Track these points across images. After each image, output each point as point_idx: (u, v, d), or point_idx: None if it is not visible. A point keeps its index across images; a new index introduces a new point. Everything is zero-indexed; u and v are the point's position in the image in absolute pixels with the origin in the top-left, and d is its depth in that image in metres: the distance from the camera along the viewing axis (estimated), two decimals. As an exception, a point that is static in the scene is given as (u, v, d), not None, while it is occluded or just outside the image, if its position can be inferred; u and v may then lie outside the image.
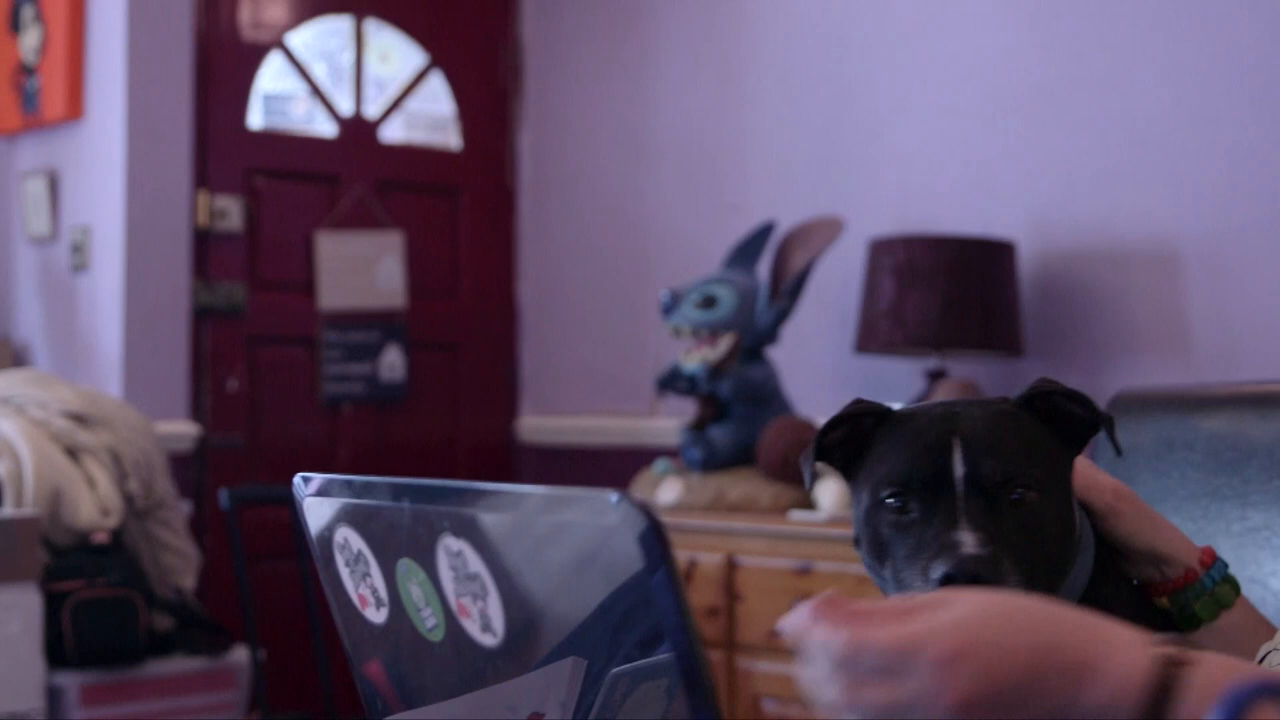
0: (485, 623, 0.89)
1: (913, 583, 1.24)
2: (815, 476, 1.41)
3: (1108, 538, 1.38)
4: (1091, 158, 3.68)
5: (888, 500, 1.30)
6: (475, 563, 0.87)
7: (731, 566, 3.55)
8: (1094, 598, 1.36)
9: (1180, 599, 1.37)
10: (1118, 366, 3.60)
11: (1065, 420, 1.35)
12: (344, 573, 1.02)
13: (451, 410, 4.96)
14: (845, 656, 0.92)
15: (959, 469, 1.27)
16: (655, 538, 0.76)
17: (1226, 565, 1.39)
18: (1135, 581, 1.43)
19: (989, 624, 0.94)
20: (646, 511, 0.76)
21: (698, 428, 3.89)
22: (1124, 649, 0.94)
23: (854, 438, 1.38)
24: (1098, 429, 1.34)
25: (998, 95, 3.92)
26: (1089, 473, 1.38)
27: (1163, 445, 1.90)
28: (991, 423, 1.32)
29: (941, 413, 1.33)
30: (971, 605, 0.95)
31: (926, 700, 0.92)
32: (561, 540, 0.84)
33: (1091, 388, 3.59)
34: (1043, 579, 1.27)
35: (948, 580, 1.20)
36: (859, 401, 1.39)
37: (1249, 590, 1.64)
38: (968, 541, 1.23)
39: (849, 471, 1.38)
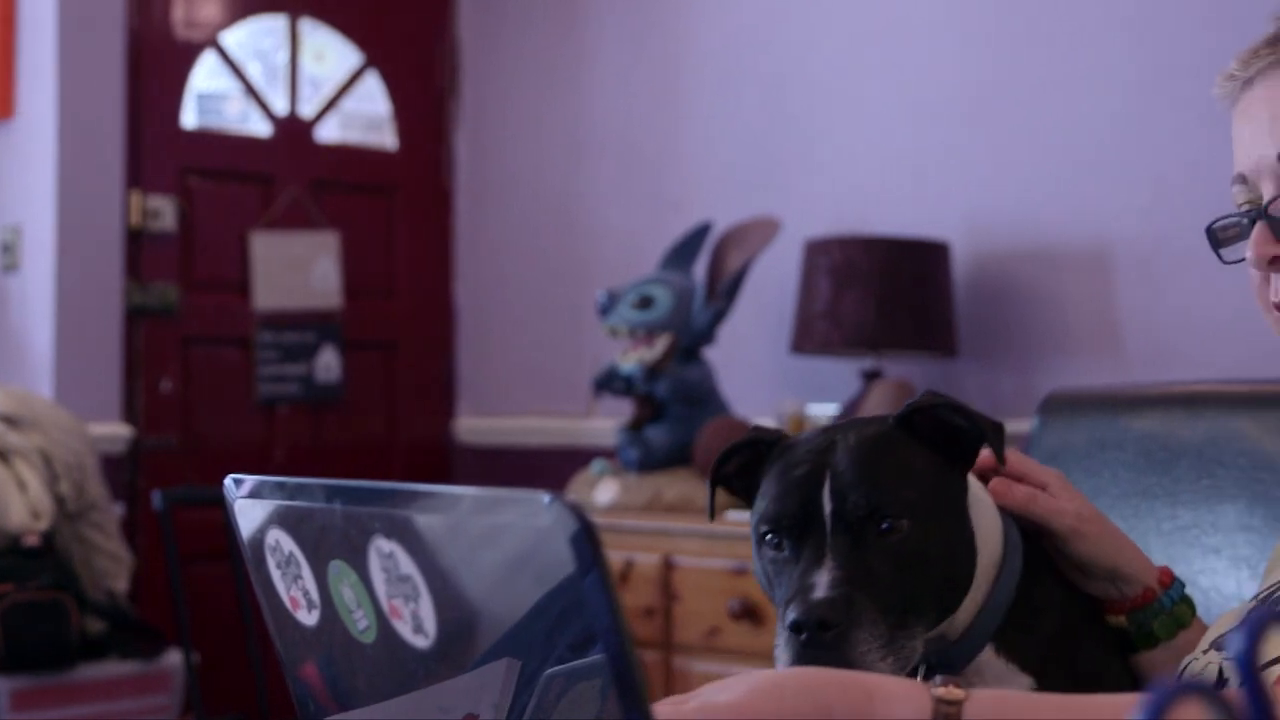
0: (417, 624, 0.89)
1: (778, 626, 1.23)
2: (716, 508, 1.42)
3: (1071, 559, 1.38)
4: (1025, 160, 3.71)
5: (767, 538, 1.29)
6: (407, 564, 0.87)
7: (668, 567, 3.55)
8: (1023, 609, 1.35)
9: (1139, 618, 1.39)
10: (1050, 366, 3.63)
11: (951, 435, 1.33)
12: (275, 575, 1.01)
13: (388, 411, 4.94)
14: None
15: (827, 505, 1.26)
16: (587, 539, 0.76)
17: (1184, 585, 1.41)
18: (1093, 598, 1.43)
19: (761, 699, 0.98)
20: (578, 513, 0.76)
21: (634, 428, 3.90)
22: (902, 699, 0.98)
23: (751, 466, 1.37)
24: (987, 438, 1.33)
25: (933, 97, 3.94)
26: (1056, 494, 1.38)
27: (1094, 445, 1.92)
28: (863, 451, 1.29)
29: (819, 443, 1.31)
30: (745, 684, 0.99)
31: None
32: (496, 542, 0.84)
33: (1024, 388, 3.62)
34: (921, 607, 1.25)
35: (795, 628, 1.19)
36: (755, 429, 1.38)
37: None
38: (820, 584, 1.21)
39: (751, 499, 1.37)
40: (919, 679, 1.30)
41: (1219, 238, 1.38)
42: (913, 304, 3.63)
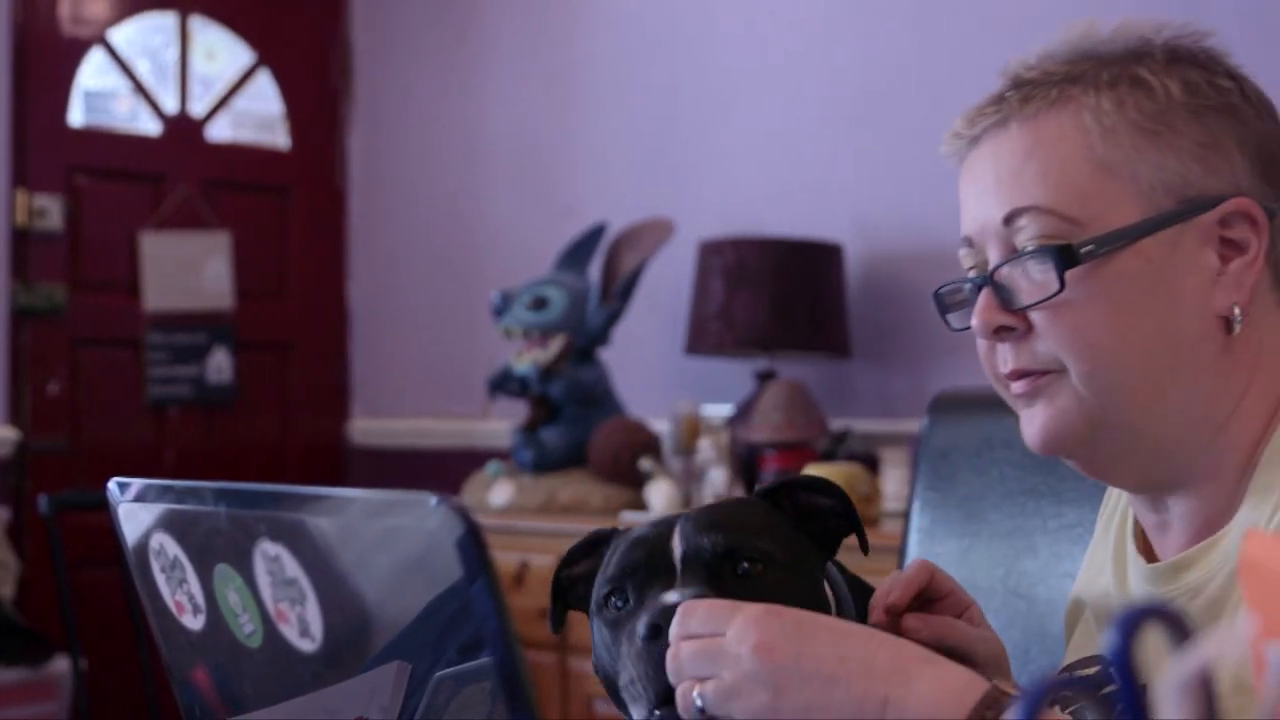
0: (304, 628, 0.88)
1: (625, 656, 1.15)
2: (562, 621, 1.33)
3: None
4: (917, 161, 3.74)
5: (609, 599, 1.21)
6: (293, 567, 0.86)
7: (563, 568, 3.54)
8: None
9: None
10: (942, 367, 3.67)
11: (815, 516, 1.30)
12: (160, 579, 1.00)
13: (281, 412, 4.90)
14: (677, 618, 1.07)
15: (678, 549, 1.19)
16: (472, 542, 0.75)
17: None
18: None
19: (809, 614, 1.06)
20: (464, 515, 0.76)
21: (529, 429, 3.89)
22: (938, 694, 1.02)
23: (593, 574, 1.28)
24: (852, 523, 1.30)
25: (824, 99, 3.97)
26: (977, 622, 1.34)
27: (982, 444, 1.94)
28: (718, 507, 1.26)
29: (665, 518, 1.25)
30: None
31: (735, 644, 1.04)
32: (387, 545, 0.84)
33: (916, 388, 3.66)
34: None
35: (653, 631, 1.12)
36: (596, 532, 1.32)
37: (1063, 585, 1.68)
38: (673, 595, 1.15)
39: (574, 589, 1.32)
40: None
41: (946, 303, 1.35)
42: (806, 305, 3.66)
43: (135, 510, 1.02)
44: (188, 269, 4.63)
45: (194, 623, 0.99)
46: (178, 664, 1.05)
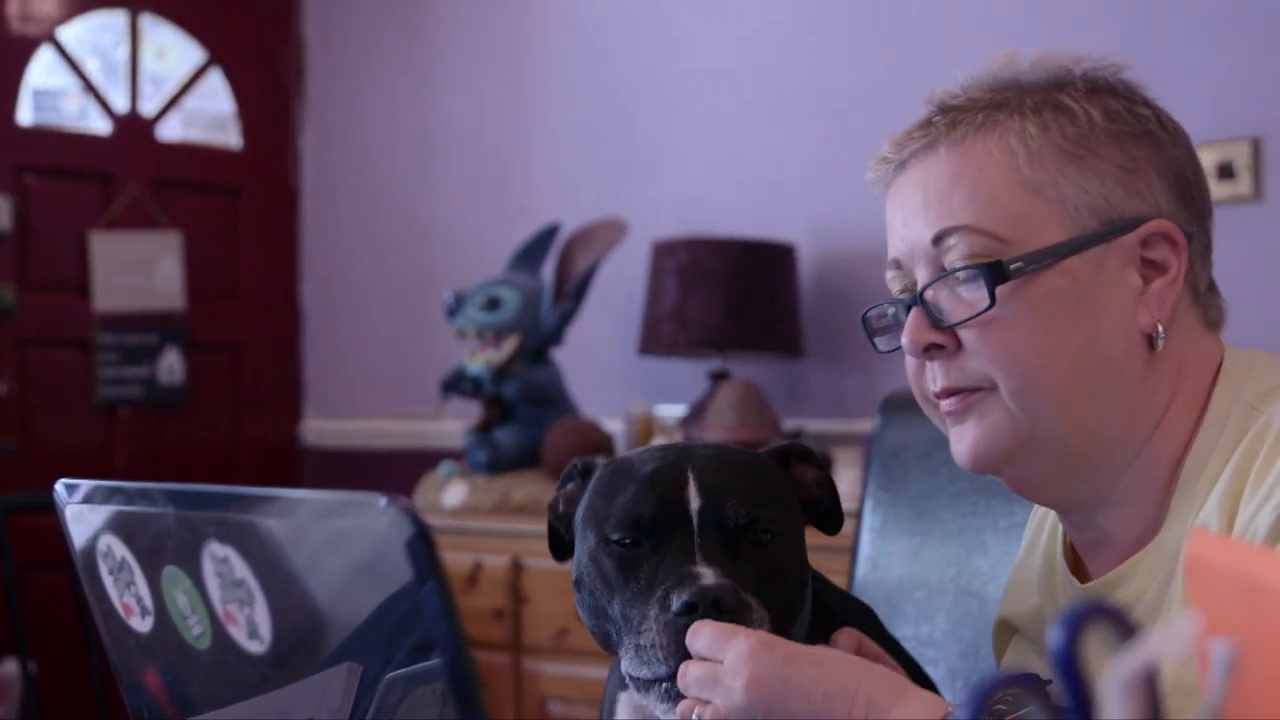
0: (252, 629, 0.88)
1: (648, 614, 1.21)
2: (560, 548, 1.39)
3: None
4: (869, 162, 3.76)
5: (615, 538, 1.25)
6: (241, 569, 0.86)
7: (517, 569, 3.54)
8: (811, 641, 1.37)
9: None
10: (894, 367, 3.66)
11: (801, 485, 1.37)
12: (108, 581, 1.00)
13: (233, 413, 4.87)
14: (689, 638, 1.16)
15: (694, 503, 1.24)
16: (422, 543, 0.75)
17: None
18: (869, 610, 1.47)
19: (798, 648, 1.14)
20: (413, 517, 0.75)
21: (483, 430, 3.88)
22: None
23: (580, 494, 1.35)
24: (834, 501, 1.38)
25: (778, 100, 3.98)
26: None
27: (933, 444, 1.95)
28: (729, 461, 1.30)
29: (670, 450, 1.31)
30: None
31: (729, 676, 1.12)
32: (339, 546, 0.83)
33: (869, 388, 3.67)
34: (777, 619, 1.25)
35: (688, 609, 1.18)
36: (579, 458, 1.39)
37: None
38: (707, 574, 1.20)
39: (569, 523, 1.37)
40: None
41: (873, 326, 1.39)
42: (759, 305, 3.66)
43: (83, 512, 1.01)
44: (138, 269, 4.60)
45: (142, 625, 0.98)
46: (127, 666, 1.04)
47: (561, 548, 1.40)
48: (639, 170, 4.23)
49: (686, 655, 1.17)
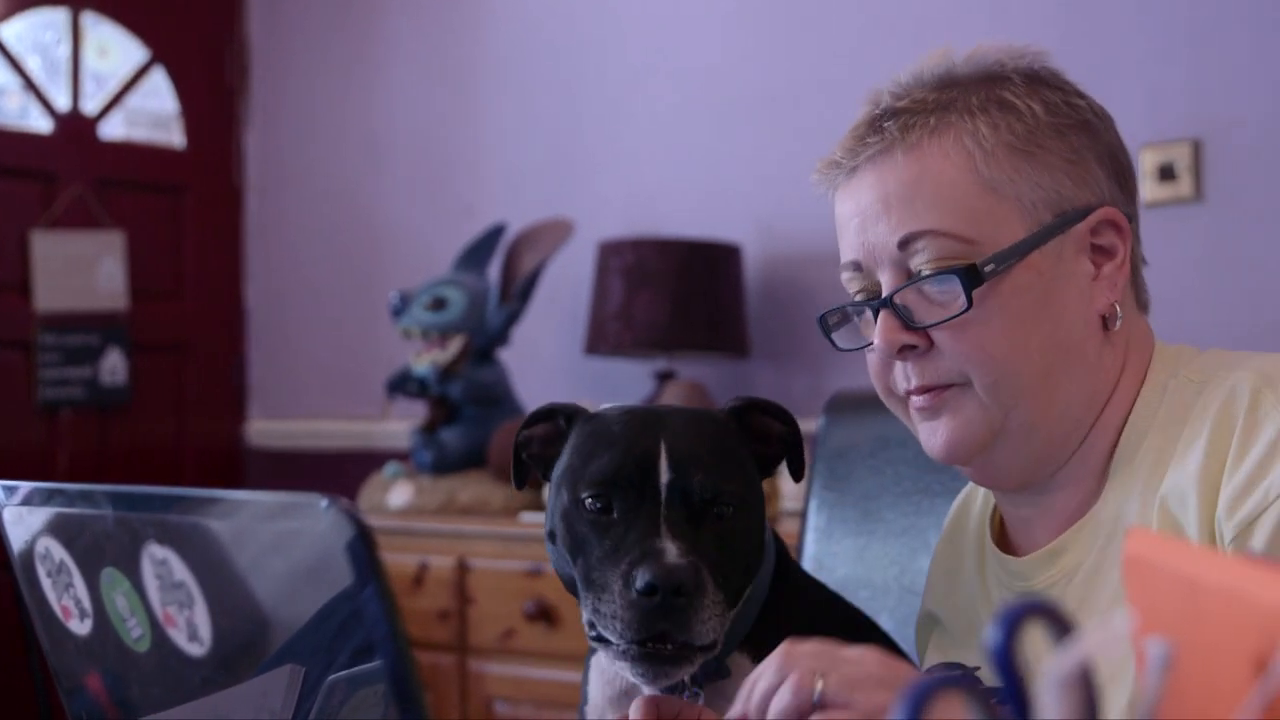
0: (192, 632, 0.87)
1: (610, 584, 1.25)
2: (525, 475, 1.43)
3: None
4: (815, 163, 3.77)
5: (588, 500, 1.30)
6: (181, 570, 0.85)
7: (463, 569, 3.53)
8: (770, 608, 1.40)
9: None
10: (839, 367, 3.69)
11: (765, 438, 1.40)
12: (46, 584, 0.99)
13: (177, 414, 4.84)
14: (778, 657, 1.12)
15: (664, 475, 1.29)
16: (363, 546, 0.75)
17: None
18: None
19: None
20: (354, 518, 0.75)
21: (428, 430, 3.87)
22: None
23: (553, 437, 1.40)
24: (797, 450, 1.41)
25: (724, 100, 3.99)
26: None
27: (878, 443, 1.96)
28: (699, 432, 1.33)
29: (646, 416, 1.35)
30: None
31: (854, 654, 1.09)
32: (280, 547, 0.83)
33: (814, 388, 3.68)
34: (733, 589, 1.30)
35: (650, 590, 1.22)
36: (551, 405, 1.42)
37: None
38: (670, 551, 1.24)
39: (547, 471, 1.40)
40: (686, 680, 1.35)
41: (830, 323, 1.42)
42: (705, 305, 3.67)
43: (21, 514, 1.00)
44: (80, 269, 4.56)
45: (81, 628, 0.97)
46: (67, 670, 1.03)
47: (523, 479, 1.45)
48: (585, 170, 4.23)
49: (644, 631, 1.23)
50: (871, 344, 1.34)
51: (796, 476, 1.43)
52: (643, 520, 1.27)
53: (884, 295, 1.32)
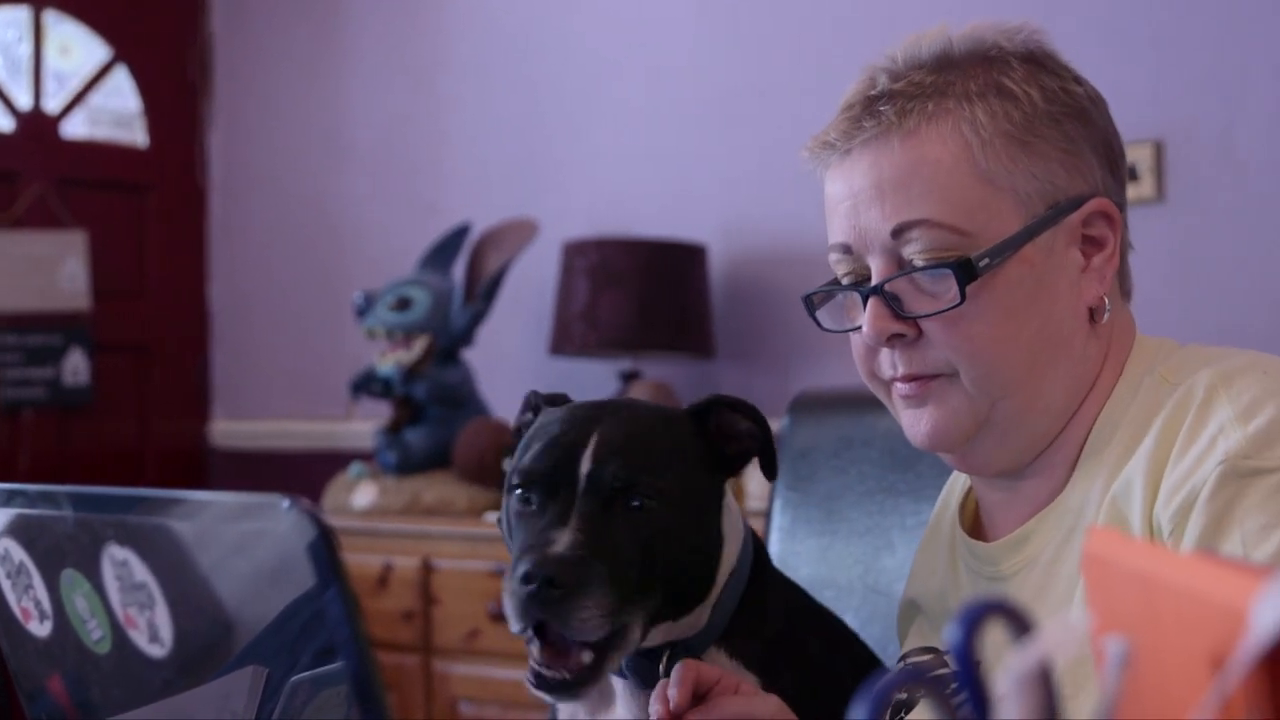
0: (153, 633, 0.87)
1: (510, 571, 1.26)
2: (484, 508, 1.46)
3: None
4: (781, 163, 3.77)
5: (517, 491, 1.31)
6: (142, 572, 0.85)
7: (427, 570, 3.53)
8: (750, 612, 1.40)
9: None
10: (804, 367, 3.70)
11: (734, 436, 1.39)
12: (5, 585, 0.98)
13: (140, 415, 4.81)
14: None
15: (585, 466, 1.28)
16: (324, 547, 0.75)
17: None
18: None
19: None
20: (315, 519, 0.75)
21: (393, 430, 3.86)
22: None
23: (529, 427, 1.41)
24: (766, 446, 1.39)
25: (689, 100, 3.99)
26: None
27: (841, 443, 1.96)
28: (636, 425, 1.33)
29: (591, 410, 1.35)
30: None
31: None
32: (243, 549, 0.83)
33: (779, 388, 3.68)
34: (656, 593, 1.29)
35: (525, 579, 1.21)
36: (536, 393, 1.46)
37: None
38: (560, 542, 1.24)
39: None
40: (661, 669, 1.34)
41: (815, 302, 1.41)
42: (670, 306, 3.67)
43: (-20, 515, 1.00)
44: (42, 269, 4.54)
45: (41, 630, 0.97)
46: (27, 672, 1.03)
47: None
48: (550, 170, 4.23)
49: (522, 618, 1.24)
50: (857, 327, 1.33)
51: (769, 474, 1.42)
52: (555, 511, 1.27)
53: (875, 283, 1.31)
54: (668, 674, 1.33)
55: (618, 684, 1.39)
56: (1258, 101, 3.23)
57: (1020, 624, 0.54)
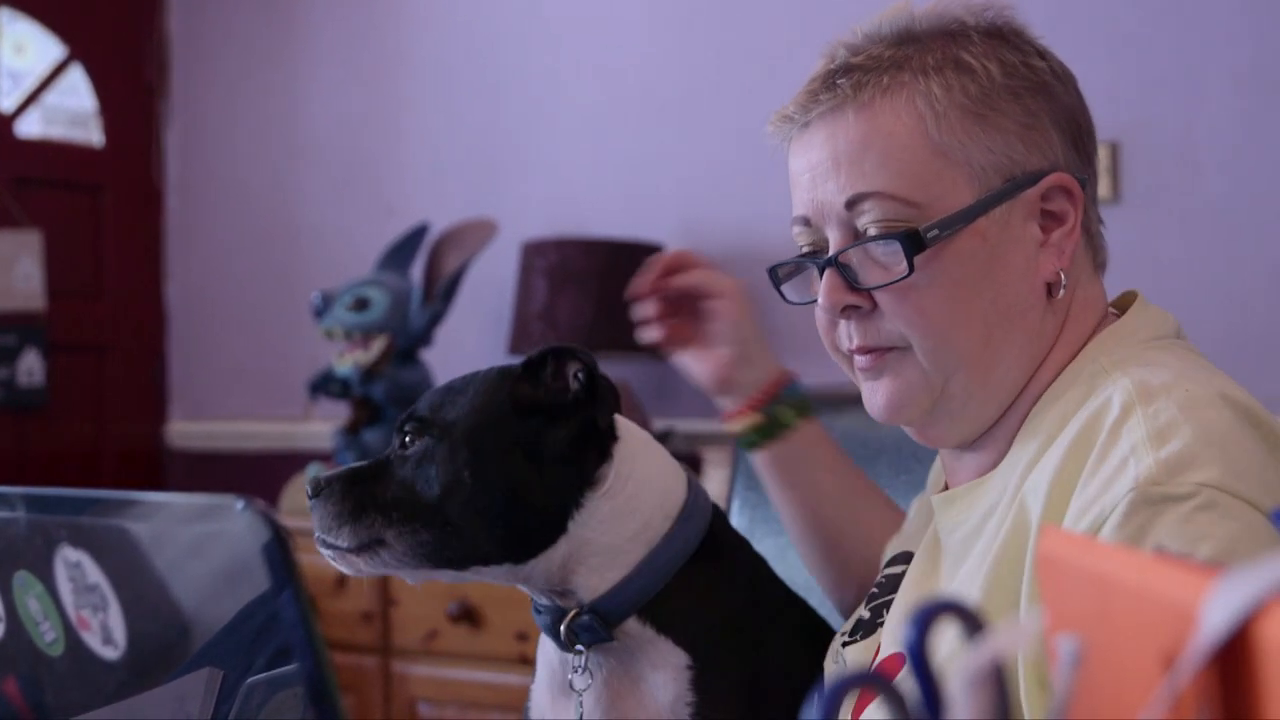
0: (106, 635, 0.86)
1: None
2: None
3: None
4: (739, 162, 3.78)
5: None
6: (95, 573, 0.85)
7: (386, 570, 3.52)
8: (690, 587, 1.40)
9: (770, 408, 1.65)
10: (763, 367, 3.70)
11: (567, 383, 1.47)
12: (-43, 588, 0.97)
13: (96, 416, 4.78)
14: None
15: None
16: (279, 549, 0.75)
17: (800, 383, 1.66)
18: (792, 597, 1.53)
19: None
20: (270, 521, 0.75)
21: (351, 431, 3.85)
22: None
23: None
24: (591, 388, 1.47)
25: (647, 99, 3.99)
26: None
27: (799, 443, 1.96)
28: (458, 379, 1.47)
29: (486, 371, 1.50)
30: None
31: None
32: (199, 550, 0.83)
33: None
34: (451, 519, 1.38)
35: (314, 488, 1.44)
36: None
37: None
38: (348, 465, 1.48)
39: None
40: (563, 629, 1.39)
41: (779, 275, 1.46)
42: (629, 306, 3.66)
43: (-68, 518, 0.99)
44: (-3, 268, 4.51)
45: (-7, 632, 0.96)
46: (-21, 674, 1.02)
47: None
48: (508, 170, 4.23)
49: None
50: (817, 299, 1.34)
51: (600, 414, 1.48)
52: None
53: (830, 254, 1.32)
54: (569, 635, 1.38)
55: (575, 679, 1.39)
56: (1215, 103, 3.25)
57: (973, 623, 0.54)
